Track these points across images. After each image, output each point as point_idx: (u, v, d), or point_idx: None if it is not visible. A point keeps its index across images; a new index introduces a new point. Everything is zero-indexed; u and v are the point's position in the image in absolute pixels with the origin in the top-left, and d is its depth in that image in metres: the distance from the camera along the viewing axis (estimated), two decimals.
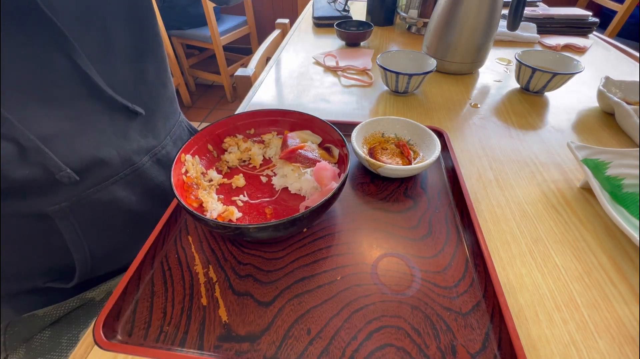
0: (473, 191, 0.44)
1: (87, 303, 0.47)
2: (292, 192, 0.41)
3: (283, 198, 0.41)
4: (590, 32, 0.95)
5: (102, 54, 0.37)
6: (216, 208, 0.37)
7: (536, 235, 0.38)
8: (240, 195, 0.41)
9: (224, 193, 0.41)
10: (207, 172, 0.42)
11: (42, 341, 0.44)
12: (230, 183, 0.42)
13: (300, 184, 0.40)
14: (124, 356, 0.28)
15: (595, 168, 0.42)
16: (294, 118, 0.45)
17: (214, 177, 0.41)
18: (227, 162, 0.44)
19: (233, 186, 0.42)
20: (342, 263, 0.34)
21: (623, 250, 0.36)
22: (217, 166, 0.44)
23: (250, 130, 0.47)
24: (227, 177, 0.43)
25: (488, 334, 0.28)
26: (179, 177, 0.36)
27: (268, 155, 0.46)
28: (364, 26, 0.91)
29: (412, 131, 0.48)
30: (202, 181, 0.39)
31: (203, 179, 0.40)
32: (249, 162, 0.45)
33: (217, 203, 0.38)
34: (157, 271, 0.34)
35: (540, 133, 0.55)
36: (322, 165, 0.38)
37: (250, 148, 0.45)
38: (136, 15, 0.41)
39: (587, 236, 0.38)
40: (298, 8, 2.42)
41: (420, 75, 0.60)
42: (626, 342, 0.29)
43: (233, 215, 0.37)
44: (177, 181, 0.35)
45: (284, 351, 0.28)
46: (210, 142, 0.43)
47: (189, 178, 0.38)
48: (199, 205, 0.37)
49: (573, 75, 0.59)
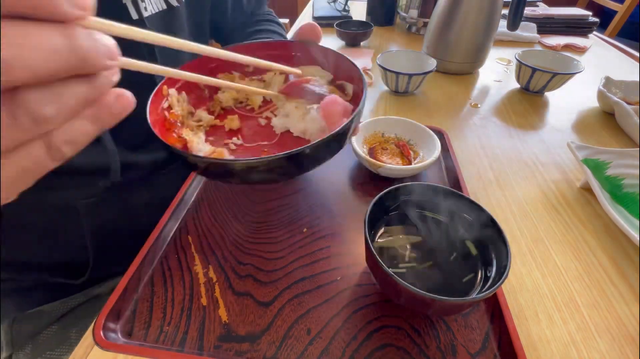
0: (473, 191, 0.44)
1: (94, 299, 0.48)
2: (295, 135, 0.35)
3: (284, 141, 0.35)
4: (590, 32, 0.95)
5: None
6: (202, 149, 0.32)
7: (536, 235, 0.38)
8: (233, 138, 0.35)
9: (215, 135, 0.35)
10: (196, 112, 0.36)
11: (48, 336, 0.44)
12: (223, 125, 0.36)
13: (304, 124, 0.34)
14: (124, 356, 0.28)
15: (595, 168, 0.42)
16: (301, 51, 0.38)
17: (204, 118, 0.35)
18: (221, 101, 0.38)
19: (226, 129, 0.36)
20: (342, 263, 0.34)
21: (623, 250, 0.36)
22: (209, 106, 0.38)
23: (248, 67, 0.39)
24: (220, 118, 0.37)
25: (488, 334, 0.28)
26: (159, 112, 0.31)
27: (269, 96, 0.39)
28: (364, 26, 0.91)
29: (412, 131, 0.48)
30: (188, 121, 0.34)
31: (190, 119, 0.35)
32: (247, 103, 0.39)
33: (204, 144, 0.32)
34: (157, 271, 0.34)
35: (540, 133, 0.55)
36: (331, 99, 0.32)
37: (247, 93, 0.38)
38: None
39: (587, 236, 0.38)
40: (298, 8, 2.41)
41: (420, 75, 0.60)
42: (626, 342, 0.29)
43: (223, 156, 0.31)
44: (155, 118, 0.29)
45: (284, 351, 0.28)
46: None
47: (173, 115, 0.32)
48: (182, 145, 0.31)
49: (573, 75, 0.59)
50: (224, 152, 0.32)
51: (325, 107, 0.32)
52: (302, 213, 0.40)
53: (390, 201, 0.32)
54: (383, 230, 0.32)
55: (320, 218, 0.39)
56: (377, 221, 0.32)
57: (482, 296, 0.24)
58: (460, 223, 0.32)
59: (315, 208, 0.40)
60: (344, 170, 0.46)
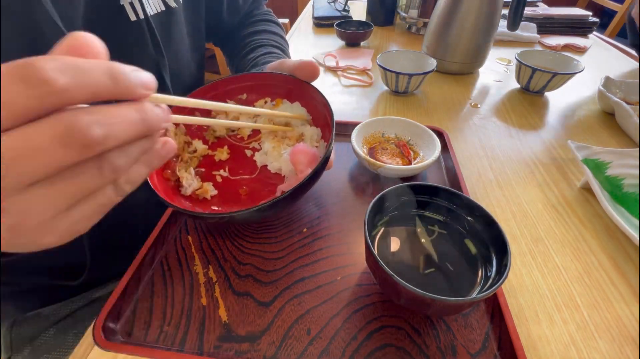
0: (473, 191, 0.44)
1: (93, 302, 0.47)
2: (273, 172, 0.39)
3: (262, 177, 0.39)
4: (590, 32, 0.95)
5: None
6: (192, 184, 0.35)
7: (536, 235, 0.38)
8: (221, 170, 0.39)
9: (207, 166, 0.39)
10: (193, 142, 0.39)
11: (46, 339, 0.44)
12: (214, 156, 0.40)
13: (279, 164, 0.38)
14: (123, 356, 0.28)
15: (595, 168, 0.42)
16: (291, 84, 0.40)
17: (199, 148, 0.39)
18: (214, 131, 0.41)
19: (216, 159, 0.40)
20: (342, 263, 0.34)
21: (623, 250, 0.36)
22: (205, 135, 0.41)
23: (242, 96, 0.42)
24: (213, 148, 0.41)
25: (488, 334, 0.28)
26: None
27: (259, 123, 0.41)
28: (364, 26, 0.91)
29: (412, 131, 0.48)
30: (184, 153, 0.37)
31: (187, 150, 0.38)
32: (238, 132, 0.42)
33: (194, 179, 0.36)
34: (157, 271, 0.34)
35: (540, 133, 0.55)
36: (297, 148, 0.35)
37: (238, 117, 0.41)
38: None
39: (587, 236, 0.38)
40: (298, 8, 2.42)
41: (420, 75, 0.60)
42: (626, 342, 0.29)
43: (208, 193, 0.36)
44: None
45: (284, 351, 0.28)
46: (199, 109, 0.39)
47: None
48: (175, 180, 0.35)
49: (573, 75, 0.59)
50: (210, 187, 0.36)
51: (292, 155, 0.35)
52: (302, 213, 0.40)
53: (390, 201, 0.32)
54: (383, 230, 0.32)
55: (320, 218, 0.39)
56: (377, 222, 0.32)
57: (482, 296, 0.24)
58: (460, 223, 0.32)
59: (315, 208, 0.40)
60: (344, 170, 0.46)
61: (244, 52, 0.57)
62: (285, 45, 0.62)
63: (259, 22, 0.64)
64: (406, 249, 0.31)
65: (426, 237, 0.32)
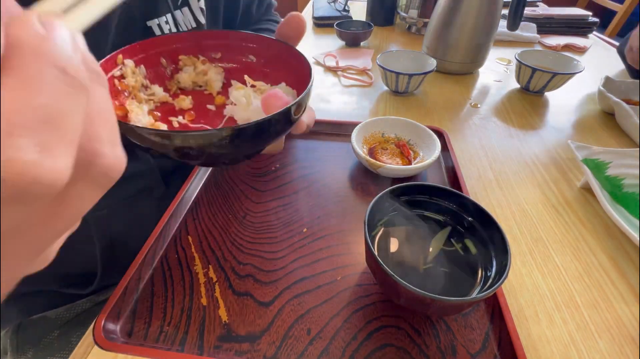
0: (473, 192, 0.44)
1: (98, 305, 0.47)
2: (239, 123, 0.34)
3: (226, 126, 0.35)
4: (590, 32, 0.95)
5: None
6: (142, 121, 0.31)
7: (536, 235, 0.38)
8: (179, 117, 0.35)
9: (163, 111, 0.35)
10: (151, 86, 0.35)
11: (50, 341, 0.44)
12: (174, 104, 0.36)
13: (247, 114, 0.34)
14: (124, 356, 0.28)
15: (595, 168, 0.42)
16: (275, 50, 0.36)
17: (158, 93, 0.35)
18: (179, 82, 0.37)
19: (176, 107, 0.36)
20: (342, 263, 0.34)
21: (623, 250, 0.36)
22: (168, 84, 0.37)
23: (216, 54, 0.38)
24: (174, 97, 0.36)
25: (488, 334, 0.28)
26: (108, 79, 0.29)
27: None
28: (364, 26, 0.91)
29: (412, 131, 0.48)
30: (138, 93, 0.33)
31: (143, 92, 0.34)
32: (205, 88, 0.38)
33: (145, 116, 0.32)
34: (157, 271, 0.34)
35: (540, 133, 0.55)
36: (272, 93, 0.31)
37: (207, 72, 0.37)
38: None
39: (587, 236, 0.38)
40: (298, 8, 2.41)
41: (420, 75, 0.60)
42: (626, 342, 0.29)
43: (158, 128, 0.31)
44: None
45: (284, 351, 0.28)
46: (165, 55, 0.35)
47: (123, 85, 0.31)
48: (123, 114, 0.30)
49: (573, 75, 0.59)
50: (163, 127, 0.31)
51: (265, 99, 0.31)
52: (302, 213, 0.40)
53: (390, 201, 0.32)
54: (383, 230, 0.32)
55: (320, 218, 0.39)
56: (377, 222, 0.32)
57: (482, 296, 0.24)
58: (460, 223, 0.32)
59: (315, 208, 0.40)
60: (344, 170, 0.46)
61: None
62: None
63: (262, 21, 0.65)
64: (406, 249, 0.31)
65: (426, 237, 0.32)
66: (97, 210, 0.40)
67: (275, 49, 0.36)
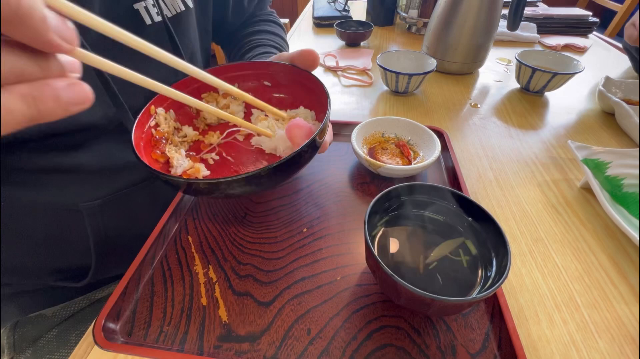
0: (473, 192, 0.44)
1: (95, 303, 0.47)
2: (267, 152, 0.39)
3: (256, 158, 0.38)
4: (590, 32, 0.95)
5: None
6: (182, 164, 0.34)
7: (536, 235, 0.38)
8: (213, 153, 0.38)
9: (197, 150, 0.38)
10: (182, 128, 0.38)
11: (49, 339, 0.44)
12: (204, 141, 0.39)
13: (274, 143, 0.37)
14: (123, 356, 0.28)
15: (595, 168, 0.42)
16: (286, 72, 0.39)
17: (189, 133, 0.38)
18: (205, 119, 0.41)
19: (206, 143, 0.39)
20: (342, 263, 0.34)
21: (623, 250, 0.36)
22: (195, 122, 0.40)
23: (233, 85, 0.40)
24: (204, 134, 0.40)
25: (488, 334, 0.28)
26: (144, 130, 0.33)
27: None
28: (364, 26, 0.91)
29: (412, 131, 0.48)
30: (173, 137, 0.36)
31: (176, 135, 0.37)
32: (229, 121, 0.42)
33: (184, 159, 0.35)
34: (157, 271, 0.34)
35: (540, 133, 0.55)
36: (294, 122, 0.34)
37: (229, 105, 0.40)
38: None
39: (587, 236, 0.38)
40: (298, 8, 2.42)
41: (420, 75, 0.60)
42: (626, 342, 0.29)
43: (199, 172, 0.35)
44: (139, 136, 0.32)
45: (284, 351, 0.28)
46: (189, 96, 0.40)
47: (159, 133, 0.34)
48: (164, 161, 0.34)
49: (573, 75, 0.59)
50: (201, 167, 0.35)
51: (288, 129, 0.34)
52: (302, 213, 0.40)
53: (390, 201, 0.32)
54: (383, 230, 0.32)
55: (320, 218, 0.39)
56: (377, 222, 0.32)
57: (482, 296, 0.24)
58: (460, 223, 0.32)
59: (315, 208, 0.40)
60: (344, 170, 0.46)
61: (242, 52, 0.58)
62: (284, 45, 0.62)
63: (259, 22, 0.64)
64: (406, 249, 0.31)
65: (426, 237, 0.32)
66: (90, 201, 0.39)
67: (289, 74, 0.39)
